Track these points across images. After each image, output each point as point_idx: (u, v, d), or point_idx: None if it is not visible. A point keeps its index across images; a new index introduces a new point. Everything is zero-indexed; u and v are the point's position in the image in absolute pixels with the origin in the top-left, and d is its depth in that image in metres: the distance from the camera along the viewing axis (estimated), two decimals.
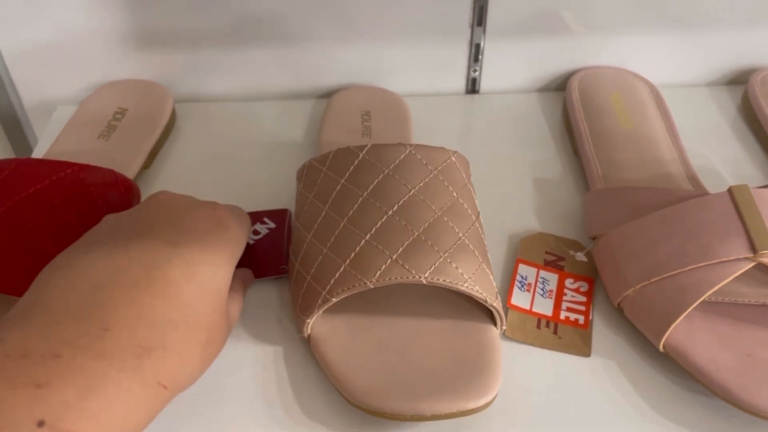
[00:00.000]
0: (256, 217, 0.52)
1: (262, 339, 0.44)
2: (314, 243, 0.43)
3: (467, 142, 0.62)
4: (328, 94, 0.66)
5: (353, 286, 0.39)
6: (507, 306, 0.46)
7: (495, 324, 0.42)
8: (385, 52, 0.64)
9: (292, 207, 0.53)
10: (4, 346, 0.30)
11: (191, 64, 0.64)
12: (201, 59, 0.64)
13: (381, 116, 0.61)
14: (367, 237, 0.40)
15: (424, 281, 0.38)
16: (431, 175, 0.43)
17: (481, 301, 0.40)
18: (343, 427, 0.40)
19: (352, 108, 0.62)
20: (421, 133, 0.60)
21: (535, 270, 0.49)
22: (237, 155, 0.60)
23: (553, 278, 0.49)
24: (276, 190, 0.56)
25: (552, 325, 0.46)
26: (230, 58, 0.64)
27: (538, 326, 0.46)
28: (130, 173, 0.53)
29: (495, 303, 0.40)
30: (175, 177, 0.58)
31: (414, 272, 0.38)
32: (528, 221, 0.53)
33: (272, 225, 0.51)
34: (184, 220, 0.38)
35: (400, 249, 0.39)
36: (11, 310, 0.33)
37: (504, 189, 0.56)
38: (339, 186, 0.44)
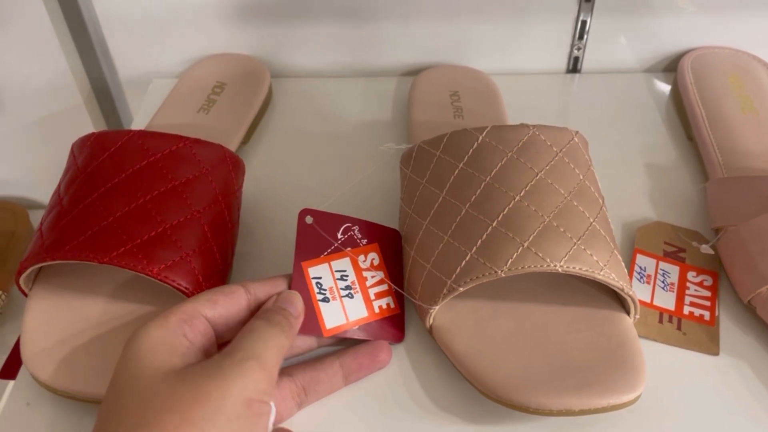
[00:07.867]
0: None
1: None
2: (432, 230, 0.41)
3: (568, 124, 0.59)
4: (411, 73, 0.64)
5: (483, 275, 0.37)
6: None
7: (627, 312, 0.40)
8: (474, 29, 0.62)
9: (387, 188, 0.52)
10: None
11: (283, 38, 0.62)
12: (291, 34, 0.62)
13: (471, 96, 0.59)
14: (494, 224, 0.38)
15: (559, 270, 0.36)
16: (557, 157, 0.41)
17: (617, 289, 0.38)
18: (474, 416, 0.38)
19: (438, 88, 0.60)
20: (516, 115, 0.57)
21: (654, 261, 0.47)
22: (329, 132, 0.59)
23: (674, 270, 0.46)
24: (370, 170, 0.54)
25: (675, 320, 0.44)
26: (320, 33, 0.62)
27: (660, 321, 0.43)
28: (230, 148, 0.52)
29: (631, 292, 0.38)
30: (272, 153, 0.57)
31: (548, 260, 0.37)
32: (642, 209, 0.51)
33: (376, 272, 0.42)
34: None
35: (532, 236, 0.37)
36: None
37: (614, 174, 0.52)
38: (457, 170, 0.42)
